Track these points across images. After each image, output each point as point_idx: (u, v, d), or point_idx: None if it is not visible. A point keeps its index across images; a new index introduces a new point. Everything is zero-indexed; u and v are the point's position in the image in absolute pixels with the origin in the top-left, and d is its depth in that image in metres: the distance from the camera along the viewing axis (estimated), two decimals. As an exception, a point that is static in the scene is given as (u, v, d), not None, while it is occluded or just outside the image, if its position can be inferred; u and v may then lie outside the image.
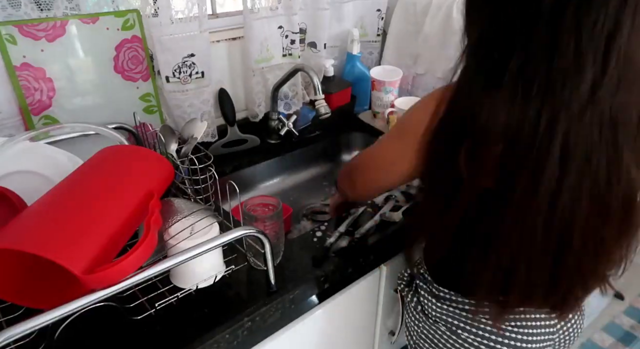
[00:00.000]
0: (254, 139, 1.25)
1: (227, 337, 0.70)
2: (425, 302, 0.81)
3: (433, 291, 0.80)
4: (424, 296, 0.81)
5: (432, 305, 0.79)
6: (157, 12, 0.97)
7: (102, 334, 0.68)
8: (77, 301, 0.54)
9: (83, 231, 0.58)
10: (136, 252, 0.56)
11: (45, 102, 0.93)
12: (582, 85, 0.51)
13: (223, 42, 1.18)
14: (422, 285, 0.82)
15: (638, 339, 1.85)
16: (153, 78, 1.06)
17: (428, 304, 0.80)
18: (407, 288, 0.88)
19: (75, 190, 0.66)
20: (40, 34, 0.88)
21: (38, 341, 0.63)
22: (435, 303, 0.79)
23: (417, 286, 0.85)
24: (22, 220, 0.58)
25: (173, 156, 0.89)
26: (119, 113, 1.02)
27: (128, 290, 0.61)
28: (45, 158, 0.80)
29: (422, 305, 0.83)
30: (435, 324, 0.80)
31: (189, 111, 1.12)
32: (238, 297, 0.76)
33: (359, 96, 1.46)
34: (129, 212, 0.64)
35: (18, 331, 0.51)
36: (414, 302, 0.85)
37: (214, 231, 0.72)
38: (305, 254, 0.85)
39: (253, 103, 1.26)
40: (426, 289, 0.81)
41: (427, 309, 0.81)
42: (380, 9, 1.48)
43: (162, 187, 0.76)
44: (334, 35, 1.41)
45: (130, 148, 0.82)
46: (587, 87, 0.51)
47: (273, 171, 1.28)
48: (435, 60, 1.37)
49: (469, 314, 0.75)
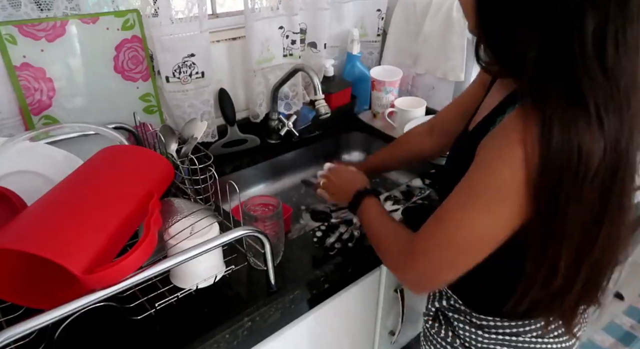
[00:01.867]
0: (254, 139, 1.25)
1: (227, 337, 0.70)
2: (466, 334, 0.77)
3: (474, 321, 0.76)
4: (462, 328, 0.77)
5: (476, 337, 0.76)
6: (157, 12, 0.97)
7: (102, 334, 0.68)
8: (77, 301, 0.54)
9: (83, 231, 0.58)
10: (136, 252, 0.56)
11: (45, 102, 0.93)
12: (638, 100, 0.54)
13: (223, 42, 1.18)
14: (457, 317, 0.78)
15: (638, 339, 1.85)
16: (153, 78, 1.06)
17: (471, 336, 0.76)
18: (437, 323, 0.82)
19: (75, 190, 0.66)
20: (40, 34, 0.88)
21: (38, 341, 0.63)
22: (482, 334, 0.75)
23: (448, 319, 0.80)
24: (22, 220, 0.58)
25: (173, 156, 0.89)
26: (119, 113, 1.02)
27: (128, 290, 0.61)
28: (45, 158, 0.80)
29: (461, 339, 0.78)
30: None
31: (189, 111, 1.12)
32: (238, 297, 0.76)
33: (359, 96, 1.46)
34: (129, 212, 0.64)
35: (18, 331, 0.51)
36: (449, 337, 0.79)
37: (214, 231, 0.72)
38: (305, 254, 0.85)
39: (254, 103, 1.26)
40: (464, 321, 0.77)
41: (470, 341, 0.77)
42: (380, 9, 1.48)
43: (162, 187, 0.76)
44: (334, 35, 1.41)
45: (130, 148, 0.82)
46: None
47: (273, 171, 1.28)
48: (435, 60, 1.37)
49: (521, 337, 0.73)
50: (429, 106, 1.36)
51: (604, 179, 0.54)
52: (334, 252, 0.86)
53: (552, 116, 0.52)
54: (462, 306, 0.78)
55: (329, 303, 0.89)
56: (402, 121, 1.30)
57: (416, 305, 1.13)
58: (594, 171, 0.53)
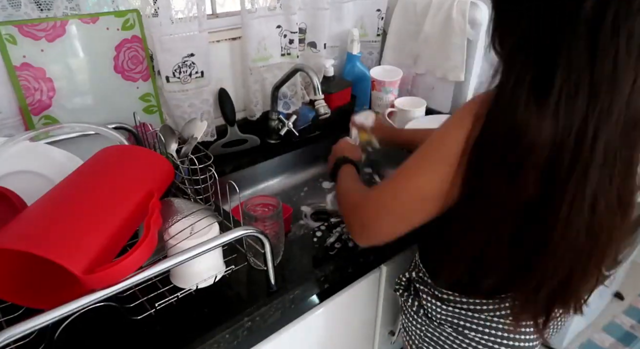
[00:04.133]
0: (254, 139, 1.25)
1: (227, 337, 0.70)
2: (428, 305, 0.80)
3: (436, 293, 0.79)
4: (425, 299, 0.81)
5: (436, 308, 0.79)
6: (157, 12, 0.97)
7: (102, 334, 0.68)
8: (77, 301, 0.54)
9: (83, 231, 0.58)
10: (136, 252, 0.56)
11: (45, 102, 0.93)
12: (622, 91, 0.52)
13: (223, 42, 1.18)
14: (422, 288, 0.82)
15: (638, 339, 1.85)
16: (153, 78, 1.06)
17: (432, 307, 0.80)
18: (406, 292, 0.87)
19: (75, 190, 0.66)
20: (40, 34, 0.88)
21: (38, 341, 0.63)
22: (440, 306, 0.78)
23: (416, 290, 0.84)
24: (22, 220, 0.58)
25: (173, 156, 0.89)
26: (119, 113, 1.02)
27: (128, 290, 0.61)
28: (45, 158, 0.80)
29: (424, 308, 0.82)
30: (440, 327, 0.80)
31: (189, 111, 1.12)
32: (238, 297, 0.76)
33: (359, 96, 1.46)
34: (129, 212, 0.64)
35: (18, 331, 0.51)
36: (415, 306, 0.84)
37: (214, 231, 0.72)
38: (305, 254, 0.85)
39: (250, 102, 1.26)
40: (428, 292, 0.80)
41: (431, 312, 0.80)
42: (380, 9, 1.48)
43: (162, 187, 0.76)
44: (334, 35, 1.41)
45: (130, 148, 0.82)
46: (625, 93, 0.52)
47: (273, 171, 1.28)
48: (435, 60, 1.37)
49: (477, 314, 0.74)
50: (429, 106, 1.36)
51: (551, 173, 0.54)
52: (334, 252, 0.86)
53: (506, 95, 0.54)
54: (428, 279, 0.80)
55: (329, 302, 0.89)
56: (402, 121, 1.30)
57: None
58: (535, 157, 0.53)
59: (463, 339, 0.77)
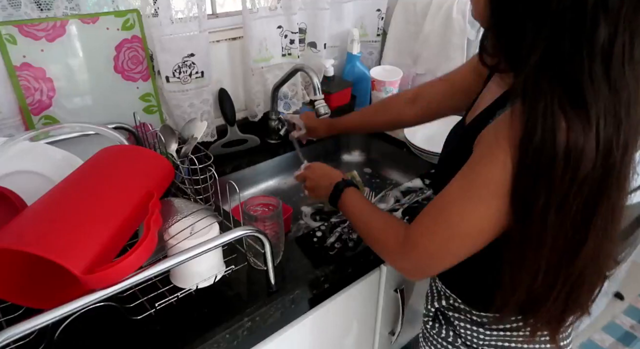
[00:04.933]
0: (254, 139, 1.25)
1: (227, 337, 0.70)
2: (467, 333, 0.77)
3: (474, 319, 0.76)
4: (464, 327, 0.77)
5: (478, 334, 0.76)
6: (157, 12, 0.97)
7: (102, 334, 0.68)
8: (77, 301, 0.54)
9: (83, 231, 0.58)
10: (136, 252, 0.56)
11: (45, 102, 0.93)
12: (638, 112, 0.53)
13: (223, 42, 1.18)
14: (457, 316, 0.78)
15: (638, 339, 1.85)
16: (153, 78, 1.06)
17: (472, 334, 0.76)
18: (437, 324, 0.82)
19: (75, 190, 0.65)
20: (40, 34, 0.88)
21: (38, 341, 0.63)
22: (484, 332, 0.75)
23: (447, 319, 0.80)
24: (22, 220, 0.58)
25: (173, 156, 0.89)
26: (119, 113, 1.02)
27: (128, 290, 0.61)
28: (45, 158, 0.80)
29: (462, 337, 0.78)
30: None
31: (189, 111, 1.12)
32: (238, 297, 0.76)
33: (359, 95, 1.46)
34: (129, 212, 0.64)
35: (18, 331, 0.51)
36: (450, 336, 0.80)
37: (214, 231, 0.72)
38: (305, 254, 0.85)
39: (252, 103, 1.26)
40: (465, 319, 0.77)
41: (471, 339, 0.77)
42: (380, 9, 1.48)
43: (162, 187, 0.76)
44: (334, 35, 1.41)
45: (130, 148, 0.82)
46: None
47: (273, 171, 1.28)
48: (435, 60, 1.37)
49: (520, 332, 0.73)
50: (429, 105, 1.35)
51: (591, 190, 0.53)
52: (334, 252, 0.86)
53: (539, 116, 0.52)
54: (461, 304, 0.78)
55: (329, 303, 0.89)
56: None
57: (416, 305, 1.13)
58: (582, 176, 0.52)
59: None
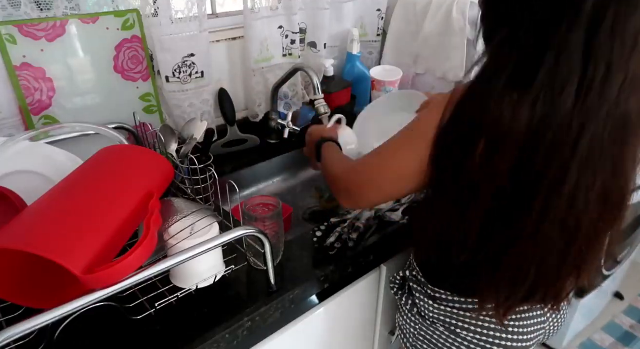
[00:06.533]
0: (254, 139, 1.25)
1: (227, 337, 0.70)
2: (421, 304, 0.81)
3: (429, 292, 0.79)
4: (419, 298, 0.81)
5: (428, 307, 0.79)
6: (157, 12, 0.97)
7: (102, 334, 0.68)
8: (77, 301, 0.54)
9: (83, 230, 0.58)
10: (136, 252, 0.56)
11: (45, 102, 0.93)
12: (612, 89, 0.52)
13: (223, 42, 1.18)
14: (416, 287, 0.82)
15: (638, 339, 1.85)
16: (153, 78, 1.06)
17: (424, 306, 0.80)
18: (400, 291, 0.87)
19: (75, 190, 0.66)
20: (40, 34, 0.88)
21: (38, 341, 0.63)
22: (432, 305, 0.78)
23: (410, 289, 0.84)
24: (22, 220, 0.58)
25: (173, 156, 0.89)
26: (119, 113, 1.02)
27: (128, 290, 0.61)
28: (45, 158, 0.80)
29: (417, 307, 0.82)
30: (433, 326, 0.80)
31: (189, 111, 1.12)
32: (238, 297, 0.76)
33: (359, 95, 1.46)
34: (129, 212, 0.64)
35: (18, 331, 0.51)
36: (409, 305, 0.84)
37: (214, 231, 0.72)
38: (305, 254, 0.85)
39: (253, 103, 1.26)
40: (421, 291, 0.81)
41: (424, 310, 0.81)
42: (380, 9, 1.48)
43: (162, 187, 0.76)
44: (334, 35, 1.41)
45: (130, 148, 0.82)
46: (615, 90, 0.52)
47: (273, 171, 1.28)
48: (435, 60, 1.37)
49: (469, 313, 0.75)
50: (429, 105, 1.35)
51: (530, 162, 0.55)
52: (334, 252, 0.86)
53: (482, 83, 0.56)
54: (422, 278, 0.81)
55: (329, 302, 0.89)
56: (402, 120, 1.29)
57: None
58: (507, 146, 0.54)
59: (455, 338, 0.77)
